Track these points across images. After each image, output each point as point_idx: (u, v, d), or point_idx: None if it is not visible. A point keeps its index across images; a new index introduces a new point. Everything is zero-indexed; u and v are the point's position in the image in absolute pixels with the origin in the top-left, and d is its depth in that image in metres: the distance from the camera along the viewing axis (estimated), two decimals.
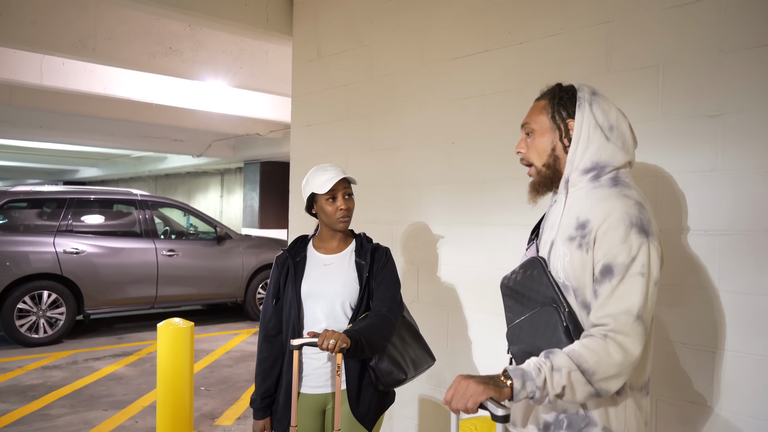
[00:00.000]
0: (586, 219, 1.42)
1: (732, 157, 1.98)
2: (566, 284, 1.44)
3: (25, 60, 6.18)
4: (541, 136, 1.55)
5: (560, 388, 1.29)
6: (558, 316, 1.41)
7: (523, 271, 1.54)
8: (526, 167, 1.61)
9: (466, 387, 1.29)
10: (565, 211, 1.50)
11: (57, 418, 4.41)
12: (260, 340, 2.18)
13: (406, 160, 3.16)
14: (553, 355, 1.32)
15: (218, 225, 8.22)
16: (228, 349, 6.78)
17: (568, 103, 1.52)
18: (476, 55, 2.81)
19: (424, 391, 3.03)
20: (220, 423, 4.40)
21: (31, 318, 6.64)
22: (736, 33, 1.99)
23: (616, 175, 1.48)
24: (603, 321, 1.33)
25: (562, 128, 1.52)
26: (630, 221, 1.36)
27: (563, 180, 1.53)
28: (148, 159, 16.94)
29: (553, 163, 1.54)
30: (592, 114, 1.49)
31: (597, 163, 1.47)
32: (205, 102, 7.89)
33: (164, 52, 5.59)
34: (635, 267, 1.33)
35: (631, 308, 1.32)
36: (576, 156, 1.49)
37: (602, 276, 1.36)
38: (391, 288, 2.14)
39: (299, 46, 3.89)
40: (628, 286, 1.33)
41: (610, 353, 1.30)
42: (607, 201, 1.41)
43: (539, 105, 1.58)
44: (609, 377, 1.30)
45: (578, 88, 1.54)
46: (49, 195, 7.26)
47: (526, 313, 1.49)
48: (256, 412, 2.16)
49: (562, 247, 1.45)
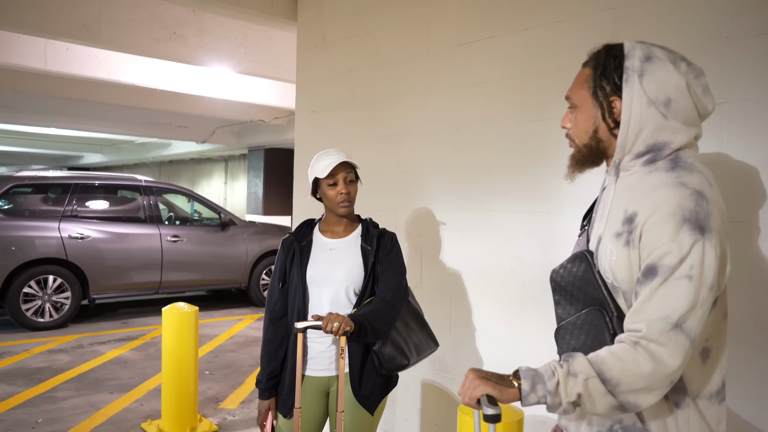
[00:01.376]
0: (634, 211, 1.23)
1: (736, 144, 1.98)
2: (615, 285, 1.27)
3: (30, 45, 6.17)
4: (582, 114, 1.35)
5: (575, 395, 1.16)
6: (604, 320, 1.27)
7: (569, 266, 1.38)
8: (569, 141, 1.44)
9: (468, 379, 1.24)
10: (614, 201, 1.32)
11: (63, 400, 4.46)
12: (266, 322, 2.20)
13: (410, 147, 3.16)
14: (573, 358, 1.19)
15: (222, 211, 8.24)
16: (232, 334, 6.83)
17: (612, 75, 1.30)
18: (481, 41, 2.80)
19: (427, 376, 3.06)
20: (225, 406, 4.45)
21: (37, 302, 6.69)
22: (743, 20, 1.97)
23: (676, 156, 1.26)
24: (636, 326, 1.18)
25: (605, 106, 1.31)
26: (683, 216, 1.17)
27: (613, 163, 1.34)
28: (152, 145, 16.95)
29: (595, 145, 1.35)
30: (642, 89, 1.26)
31: (653, 146, 1.27)
32: (209, 88, 7.88)
33: (168, 37, 5.58)
34: (683, 269, 1.15)
35: (671, 315, 1.15)
36: (627, 141, 1.29)
37: (644, 277, 1.19)
38: (397, 274, 2.14)
39: (304, 32, 3.87)
40: (670, 290, 1.16)
41: (639, 363, 1.14)
42: (659, 190, 1.22)
43: (582, 74, 1.37)
44: (637, 390, 1.15)
45: (627, 53, 1.30)
46: (54, 180, 7.29)
47: (573, 314, 1.35)
48: (261, 393, 2.19)
49: (609, 245, 1.28)
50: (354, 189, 2.13)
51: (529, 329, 2.58)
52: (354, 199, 2.14)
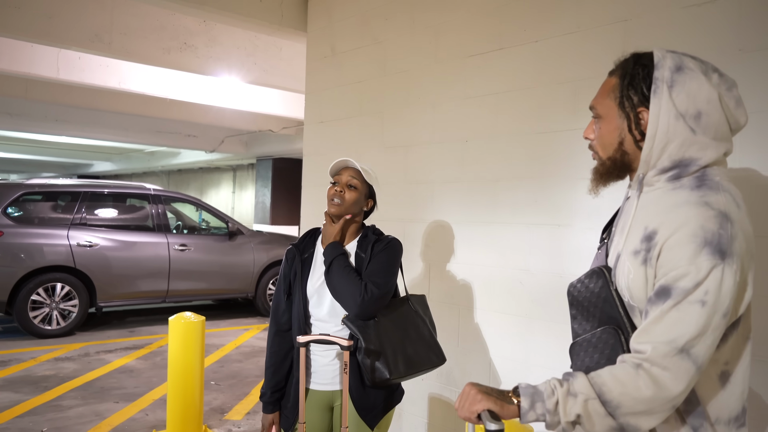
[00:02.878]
0: (654, 230, 1.19)
1: (751, 157, 1.95)
2: (632, 305, 1.24)
3: (42, 54, 6.24)
4: (607, 125, 1.30)
5: (574, 415, 1.14)
6: (619, 340, 1.23)
7: (587, 282, 1.33)
8: (590, 151, 1.39)
9: (467, 394, 1.22)
10: (635, 216, 1.27)
11: (68, 409, 4.45)
12: (271, 333, 2.16)
13: (418, 157, 3.15)
14: (573, 378, 1.17)
15: (230, 220, 8.25)
16: (238, 344, 6.81)
17: (641, 85, 1.24)
18: (491, 53, 2.79)
19: (434, 389, 3.02)
20: (230, 417, 4.42)
21: (45, 310, 6.71)
22: (756, 32, 1.96)
23: (703, 174, 1.21)
24: (641, 347, 1.14)
25: (632, 117, 1.26)
26: (704, 238, 1.12)
27: (636, 177, 1.29)
28: (161, 154, 17.05)
29: (620, 158, 1.29)
30: (671, 101, 1.20)
31: (680, 162, 1.22)
32: (218, 98, 7.93)
33: (179, 47, 5.62)
34: (697, 294, 1.11)
35: (678, 339, 1.11)
36: (653, 155, 1.23)
37: (656, 297, 1.15)
38: (376, 264, 2.04)
39: (313, 43, 3.89)
40: (681, 313, 1.12)
41: (639, 387, 1.12)
42: (681, 209, 1.16)
43: (609, 84, 1.32)
44: (637, 413, 1.12)
45: (657, 63, 1.23)
46: (64, 188, 7.33)
47: (588, 330, 1.32)
48: (265, 406, 2.16)
49: (627, 263, 1.24)
50: (352, 194, 2.08)
51: (538, 342, 2.55)
52: (347, 204, 2.07)
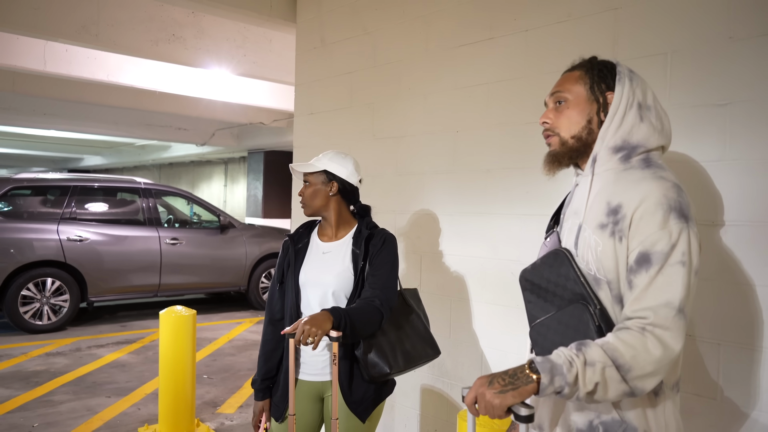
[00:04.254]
0: (619, 203, 1.30)
1: (740, 146, 1.95)
2: (598, 277, 1.32)
3: (29, 46, 6.16)
4: (575, 107, 1.43)
5: (593, 385, 1.18)
6: (589, 314, 1.30)
7: (545, 265, 1.42)
8: (546, 137, 1.49)
9: (483, 398, 1.20)
10: (592, 195, 1.39)
11: (60, 404, 4.43)
12: (265, 322, 2.20)
13: (409, 148, 3.13)
14: (586, 347, 1.21)
15: (222, 214, 8.21)
16: (231, 337, 6.80)
17: (608, 76, 1.42)
18: (481, 42, 2.78)
19: (426, 381, 3.02)
20: (222, 411, 4.42)
21: (35, 305, 6.66)
22: (746, 20, 1.95)
23: (647, 157, 1.37)
24: (641, 314, 1.22)
25: (601, 101, 1.41)
26: (669, 205, 1.25)
27: (590, 159, 1.42)
28: (152, 148, 16.95)
29: (586, 136, 1.42)
30: (632, 90, 1.39)
31: (628, 143, 1.37)
32: (208, 90, 7.87)
33: (167, 39, 5.56)
34: (675, 255, 1.22)
35: (672, 300, 1.21)
36: (608, 132, 1.38)
37: (638, 265, 1.25)
38: (384, 276, 2.04)
39: (303, 34, 3.85)
40: (668, 276, 1.22)
41: (649, 349, 1.19)
42: (642, 183, 1.30)
43: (573, 75, 1.47)
44: (645, 375, 1.20)
45: (616, 63, 1.45)
46: (53, 182, 7.27)
47: (551, 311, 1.38)
48: (256, 394, 2.18)
49: (593, 236, 1.33)
50: (308, 190, 2.12)
51: None
52: (309, 200, 2.12)
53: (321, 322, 1.80)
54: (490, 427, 1.99)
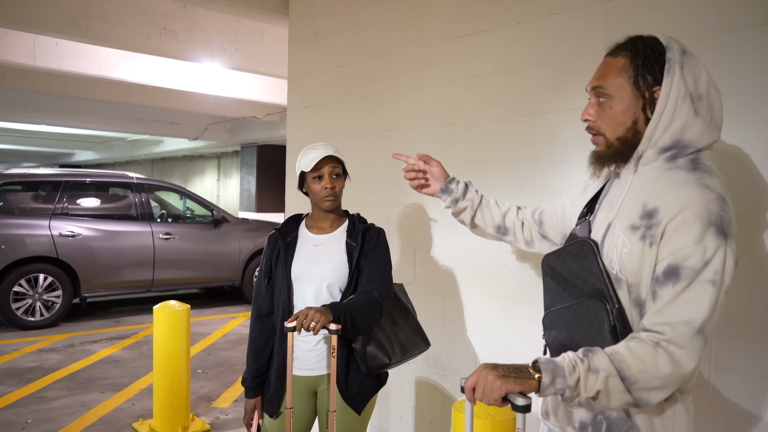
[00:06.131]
0: (655, 207, 1.22)
1: (730, 137, 1.96)
2: (620, 277, 1.27)
3: (18, 40, 6.10)
4: (619, 105, 1.30)
5: (594, 392, 1.17)
6: (605, 312, 1.26)
7: (570, 254, 1.36)
8: (591, 135, 1.38)
9: (485, 380, 1.19)
10: (630, 192, 1.30)
11: (53, 400, 4.41)
12: (253, 319, 2.16)
13: (403, 141, 3.13)
14: (593, 354, 1.18)
15: (215, 208, 8.19)
16: (225, 332, 6.79)
17: (654, 65, 1.26)
18: (474, 35, 2.77)
19: (421, 373, 3.03)
20: (217, 405, 4.42)
21: (28, 301, 6.63)
22: (738, 11, 1.95)
23: (696, 157, 1.26)
24: (658, 328, 1.18)
25: (647, 97, 1.27)
26: (709, 219, 1.17)
27: (635, 156, 1.31)
28: (144, 142, 16.85)
29: (632, 138, 1.30)
30: (683, 80, 1.24)
31: (679, 142, 1.26)
32: (201, 84, 7.82)
33: (158, 32, 5.52)
34: (707, 273, 1.16)
35: (694, 320, 1.16)
36: (657, 131, 1.26)
37: (665, 277, 1.19)
38: (381, 269, 2.07)
39: (295, 27, 3.83)
40: (694, 293, 1.16)
41: (658, 364, 1.16)
42: (683, 189, 1.21)
43: (616, 64, 1.31)
44: (651, 388, 1.17)
45: (666, 44, 1.27)
46: (45, 178, 7.22)
47: (569, 301, 1.34)
48: (247, 391, 2.16)
49: (622, 236, 1.27)
50: (340, 184, 2.08)
51: (523, 324, 2.56)
52: (339, 195, 2.09)
53: (323, 311, 1.82)
54: (486, 416, 2.00)
